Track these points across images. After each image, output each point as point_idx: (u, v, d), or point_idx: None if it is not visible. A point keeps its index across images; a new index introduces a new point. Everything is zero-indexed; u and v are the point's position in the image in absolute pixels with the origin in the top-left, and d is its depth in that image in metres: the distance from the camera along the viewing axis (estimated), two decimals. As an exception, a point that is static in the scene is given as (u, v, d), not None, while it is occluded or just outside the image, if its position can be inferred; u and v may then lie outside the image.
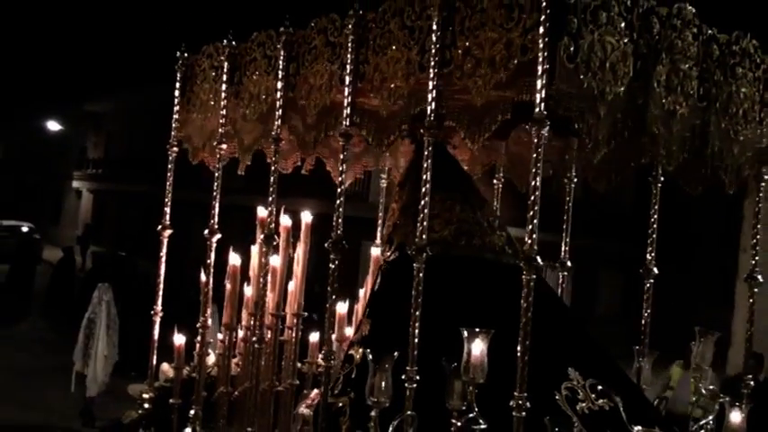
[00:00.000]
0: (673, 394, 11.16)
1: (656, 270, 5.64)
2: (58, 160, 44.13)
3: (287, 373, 5.82)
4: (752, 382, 5.20)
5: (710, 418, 5.14)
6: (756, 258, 5.11)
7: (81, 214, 41.60)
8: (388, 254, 5.28)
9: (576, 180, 6.03)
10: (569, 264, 6.17)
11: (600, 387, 4.79)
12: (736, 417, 4.93)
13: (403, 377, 4.13)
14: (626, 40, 4.01)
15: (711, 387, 5.32)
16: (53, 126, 41.94)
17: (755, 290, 5.11)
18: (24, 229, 35.27)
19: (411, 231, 5.06)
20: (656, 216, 5.58)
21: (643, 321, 5.65)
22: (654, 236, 5.60)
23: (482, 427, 3.85)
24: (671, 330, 4.90)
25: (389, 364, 3.94)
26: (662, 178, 5.49)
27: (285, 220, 5.76)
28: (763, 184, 5.07)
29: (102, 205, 39.31)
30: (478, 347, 3.87)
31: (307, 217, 5.76)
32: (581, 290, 26.99)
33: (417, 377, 4.14)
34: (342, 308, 6.32)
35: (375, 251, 6.15)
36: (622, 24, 3.98)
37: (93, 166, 41.15)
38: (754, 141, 4.90)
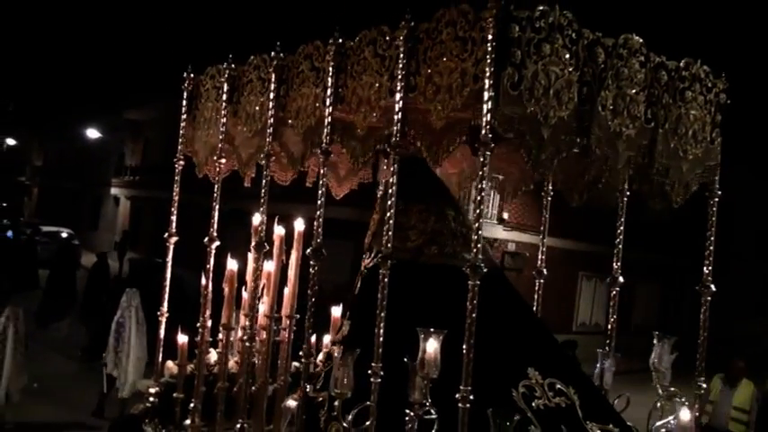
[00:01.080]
0: (713, 408, 11.36)
1: (621, 279, 5.96)
2: (97, 167, 45.12)
3: (281, 370, 6.27)
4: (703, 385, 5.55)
5: (671, 419, 5.48)
6: (710, 268, 5.46)
7: (119, 221, 42.48)
8: (368, 261, 5.72)
9: (552, 193, 6.42)
10: (545, 272, 6.55)
11: (558, 386, 5.19)
12: (685, 415, 5.29)
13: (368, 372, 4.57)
14: (571, 69, 4.41)
15: (672, 389, 5.65)
16: (92, 134, 42.94)
17: (709, 298, 5.46)
18: (64, 234, 36.19)
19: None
20: (621, 228, 5.92)
21: (609, 327, 5.99)
22: (620, 246, 5.95)
23: (433, 416, 4.26)
24: (709, 343, 5.09)
25: (351, 360, 4.38)
26: (628, 192, 5.83)
27: (279, 229, 6.22)
28: (717, 198, 5.43)
29: (139, 212, 40.08)
30: (432, 346, 4.28)
31: (299, 225, 6.20)
32: (620, 299, 26.98)
33: (382, 372, 4.56)
34: (336, 311, 6.76)
35: None
36: (567, 55, 4.38)
37: (130, 173, 42.02)
38: (704, 160, 5.27)
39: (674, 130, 5.03)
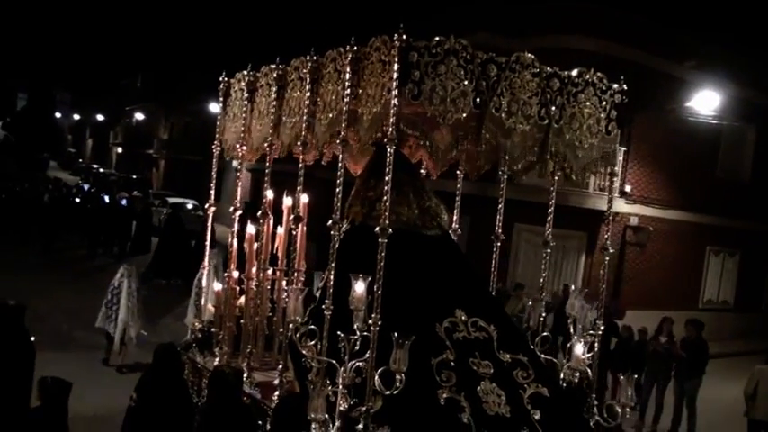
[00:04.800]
0: None
1: (553, 242, 7.21)
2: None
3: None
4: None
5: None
6: (608, 235, 6.79)
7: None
8: (345, 226, 7.26)
9: (507, 173, 7.75)
10: (503, 237, 7.92)
11: (480, 323, 6.62)
12: (578, 349, 6.67)
13: (323, 307, 6.13)
14: (465, 83, 5.84)
15: (591, 333, 6.94)
16: (214, 108, 45.53)
17: (607, 259, 6.80)
18: (189, 206, 38.55)
19: (359, 210, 7.09)
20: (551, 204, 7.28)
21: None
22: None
23: (356, 337, 5.76)
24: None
25: (300, 295, 6.00)
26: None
27: (287, 201, 7.88)
28: (616, 178, 6.76)
29: (259, 184, 42.01)
30: (360, 287, 5.79)
31: (304, 198, 7.81)
32: (751, 276, 25.45)
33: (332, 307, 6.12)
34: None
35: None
36: (462, 72, 5.81)
37: (250, 146, 44.23)
38: (601, 147, 6.60)
39: (569, 125, 6.40)
